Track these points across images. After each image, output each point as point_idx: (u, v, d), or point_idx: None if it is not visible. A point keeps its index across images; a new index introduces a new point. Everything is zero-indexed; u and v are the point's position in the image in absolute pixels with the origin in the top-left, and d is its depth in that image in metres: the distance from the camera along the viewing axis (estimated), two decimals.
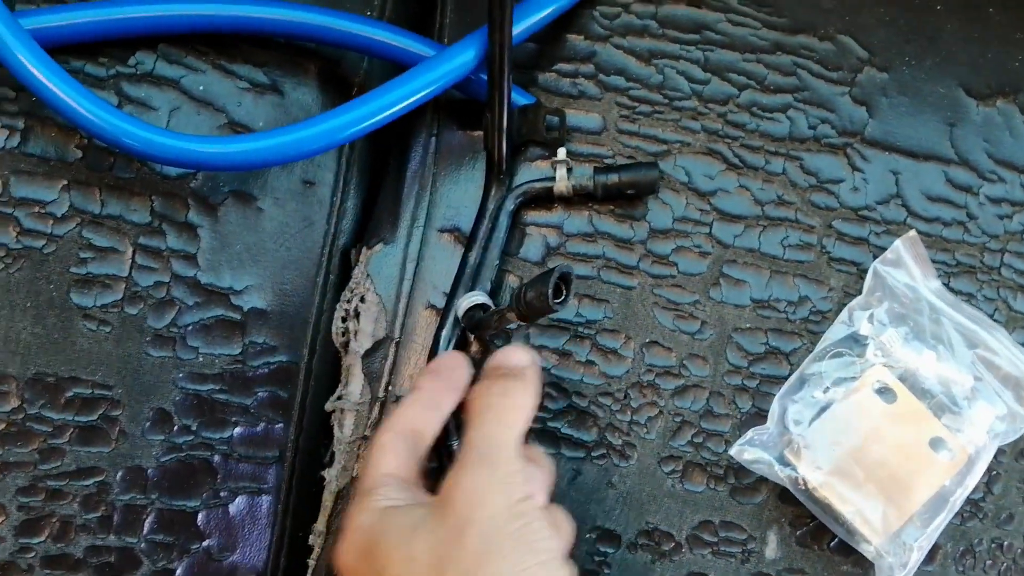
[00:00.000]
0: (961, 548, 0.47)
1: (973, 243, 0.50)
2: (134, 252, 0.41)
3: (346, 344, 0.45)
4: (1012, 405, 0.47)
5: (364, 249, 0.46)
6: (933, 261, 0.49)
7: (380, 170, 0.48)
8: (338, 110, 0.41)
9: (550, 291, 0.34)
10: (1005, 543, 0.48)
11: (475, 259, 0.44)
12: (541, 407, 0.44)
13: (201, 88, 0.43)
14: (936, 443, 0.46)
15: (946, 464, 0.45)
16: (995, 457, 0.48)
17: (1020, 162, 0.51)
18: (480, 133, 0.46)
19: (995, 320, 0.49)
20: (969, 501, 0.48)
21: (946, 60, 0.52)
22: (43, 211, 0.40)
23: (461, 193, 0.47)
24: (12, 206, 0.40)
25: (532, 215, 0.46)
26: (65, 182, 0.40)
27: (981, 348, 0.48)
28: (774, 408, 0.45)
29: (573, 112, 0.47)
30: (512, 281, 0.45)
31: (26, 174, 0.40)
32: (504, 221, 0.44)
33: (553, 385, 0.45)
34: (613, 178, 0.44)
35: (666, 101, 0.48)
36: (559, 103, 0.47)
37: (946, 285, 0.49)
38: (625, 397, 0.45)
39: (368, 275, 0.45)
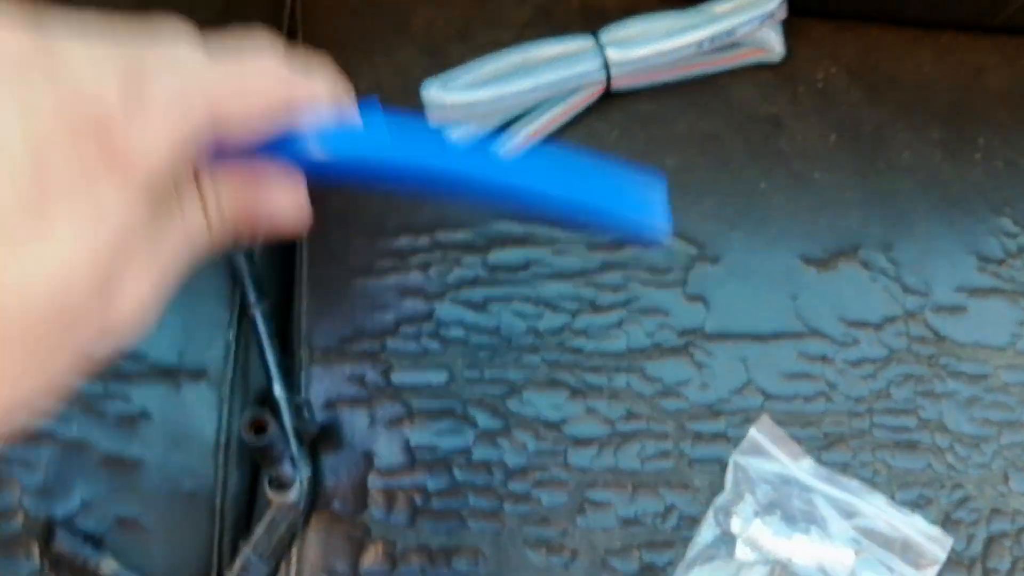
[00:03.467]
0: None
1: (839, 411, 0.51)
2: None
3: None
4: (903, 570, 0.48)
5: (250, 539, 0.49)
6: (799, 438, 0.50)
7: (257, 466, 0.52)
8: None
9: (249, 429, 0.42)
10: None
11: None
12: None
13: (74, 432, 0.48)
14: None
15: None
16: None
17: (873, 318, 0.53)
18: None
19: (876, 483, 0.50)
20: None
21: (778, 236, 0.54)
22: None
23: (334, 459, 0.50)
24: None
25: (396, 478, 0.49)
26: None
27: (859, 518, 0.48)
28: None
29: (421, 371, 0.50)
30: None
31: None
32: None
33: None
34: None
35: (504, 342, 0.51)
36: (407, 364, 0.51)
37: (817, 460, 0.50)
38: None
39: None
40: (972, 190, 0.57)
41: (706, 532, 0.48)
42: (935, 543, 0.48)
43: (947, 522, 0.50)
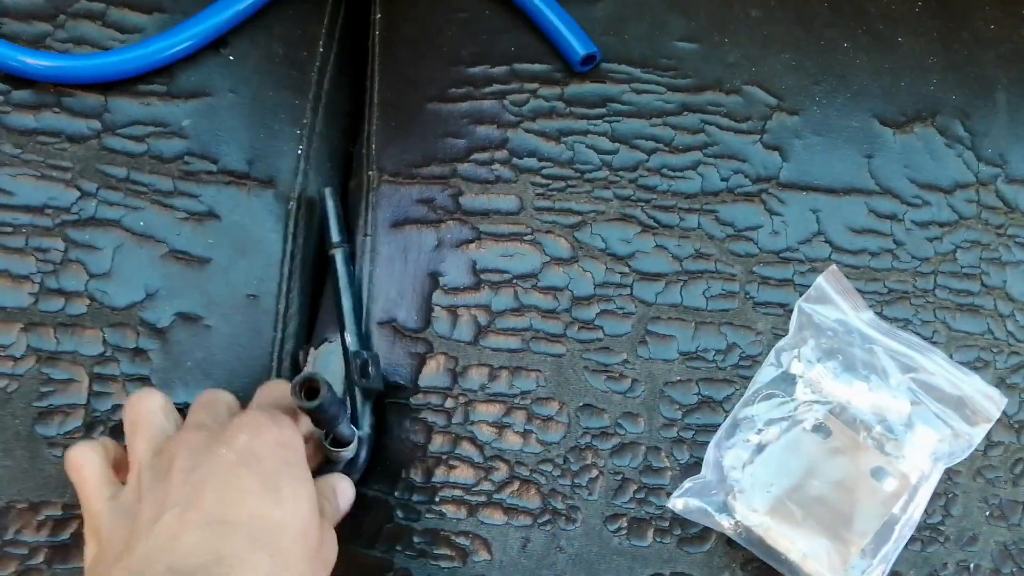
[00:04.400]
0: (925, 574, 0.47)
1: (904, 269, 0.51)
2: (91, 381, 0.46)
3: None
4: (956, 425, 0.48)
5: (312, 349, 0.50)
6: (864, 292, 0.50)
7: (321, 277, 0.52)
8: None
9: (299, 392, 0.41)
10: (972, 564, 0.48)
11: None
12: (486, 479, 0.47)
13: (142, 224, 0.48)
14: (877, 473, 0.47)
15: (889, 493, 0.46)
16: (950, 479, 0.49)
17: (944, 183, 0.53)
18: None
19: (935, 342, 0.50)
20: (928, 527, 0.49)
21: (858, 94, 0.54)
22: (3, 354, 0.45)
23: (397, 287, 0.50)
24: None
25: (461, 297, 0.49)
26: (21, 326, 0.45)
27: (918, 372, 0.49)
28: (708, 455, 0.47)
29: (491, 196, 0.50)
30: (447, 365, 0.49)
31: None
32: None
33: (495, 457, 0.47)
34: None
35: (578, 175, 0.51)
36: (477, 189, 0.51)
37: (879, 314, 0.50)
38: (565, 462, 0.47)
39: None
40: None
41: (767, 371, 0.48)
42: (991, 402, 0.49)
43: (1001, 385, 0.51)
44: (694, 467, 0.48)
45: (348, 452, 0.47)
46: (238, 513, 0.38)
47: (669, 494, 0.47)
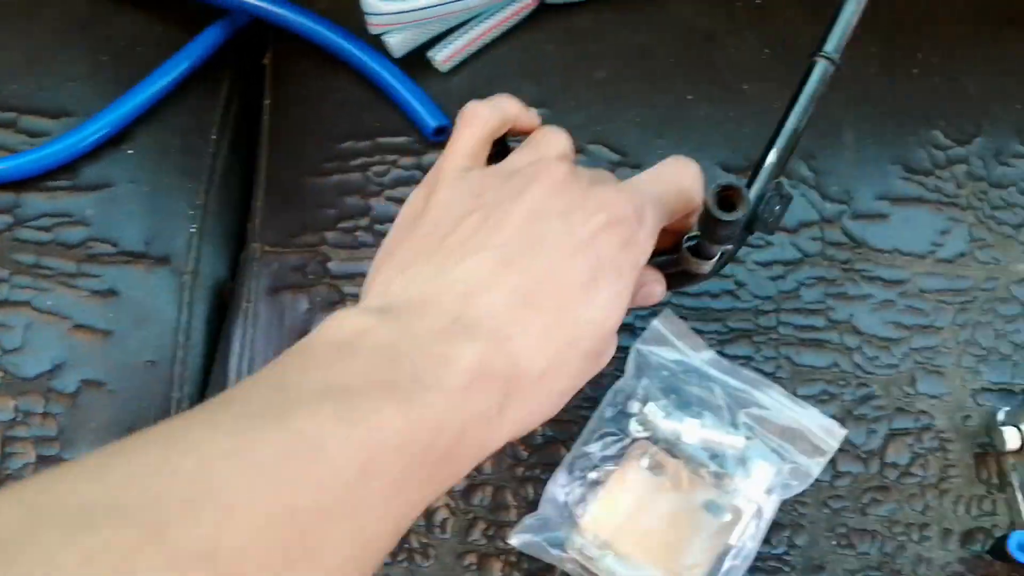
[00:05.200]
0: None
1: (745, 308, 0.54)
2: (2, 444, 0.53)
3: None
4: (794, 458, 0.51)
5: None
6: (704, 332, 0.53)
7: (213, 343, 0.58)
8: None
9: (713, 203, 0.36)
10: None
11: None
12: None
13: (49, 303, 0.55)
14: (710, 506, 0.49)
15: (722, 525, 0.49)
16: (796, 510, 0.51)
17: (788, 223, 0.55)
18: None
19: (778, 378, 0.53)
20: (773, 556, 0.51)
21: (702, 144, 0.57)
22: None
23: (274, 347, 0.55)
24: None
25: None
26: None
27: (754, 408, 0.51)
28: (547, 492, 0.51)
29: (355, 261, 0.56)
30: None
31: None
32: None
33: None
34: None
35: None
36: (344, 255, 0.56)
37: (720, 352, 0.53)
38: None
39: None
40: (905, 104, 0.58)
41: (606, 411, 0.52)
42: (829, 434, 0.51)
43: (848, 417, 0.53)
44: (538, 505, 0.51)
45: (706, 267, 0.43)
46: (546, 300, 0.36)
47: None
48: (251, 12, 0.59)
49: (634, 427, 0.51)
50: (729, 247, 0.44)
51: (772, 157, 0.43)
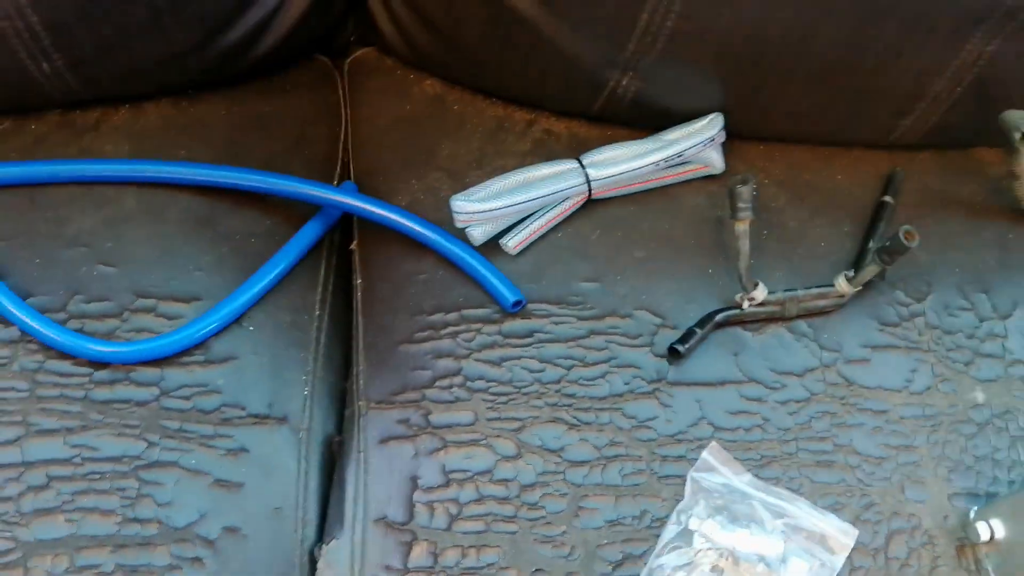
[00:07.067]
0: None
1: (772, 439, 0.68)
2: None
3: None
4: (821, 555, 0.64)
5: (324, 546, 0.66)
6: (742, 459, 0.67)
7: (327, 489, 0.68)
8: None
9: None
10: None
11: None
12: None
13: (193, 462, 0.65)
14: None
15: None
16: None
17: (796, 369, 0.70)
18: None
19: (801, 493, 0.67)
20: None
21: (723, 307, 0.72)
22: (96, 572, 0.61)
23: (385, 491, 0.66)
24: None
25: (436, 494, 0.65)
26: (109, 548, 0.61)
27: (787, 518, 0.65)
28: None
29: (452, 413, 0.68)
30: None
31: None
32: None
33: None
34: None
35: (516, 390, 0.68)
36: (442, 408, 0.68)
37: (756, 475, 0.67)
38: None
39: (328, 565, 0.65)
40: None
41: (671, 529, 0.65)
42: (845, 535, 0.65)
43: (856, 522, 0.67)
44: None
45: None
46: None
47: None
48: (344, 210, 0.73)
49: (698, 540, 0.64)
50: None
51: None
